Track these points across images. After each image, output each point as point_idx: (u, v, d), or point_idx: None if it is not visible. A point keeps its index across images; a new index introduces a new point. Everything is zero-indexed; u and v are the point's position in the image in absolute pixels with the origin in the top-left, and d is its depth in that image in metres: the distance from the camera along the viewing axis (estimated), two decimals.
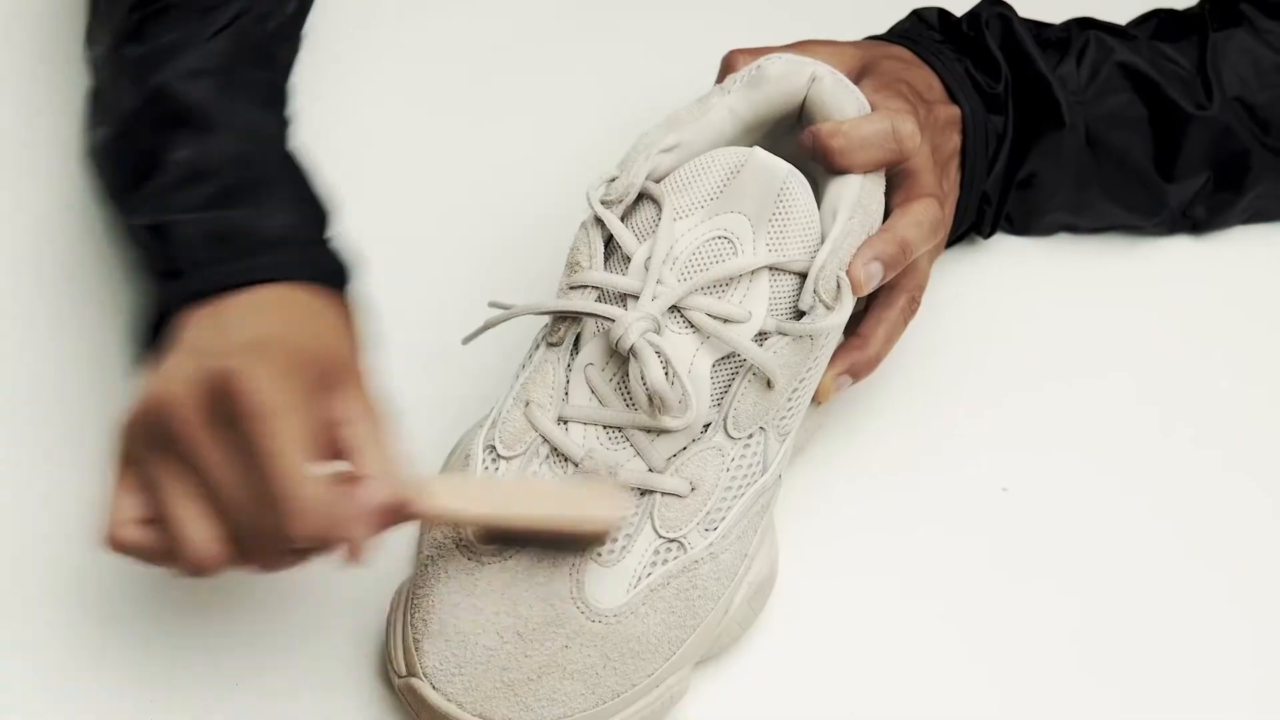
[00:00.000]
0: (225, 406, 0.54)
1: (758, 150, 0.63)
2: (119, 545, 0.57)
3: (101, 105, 0.70)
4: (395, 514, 0.57)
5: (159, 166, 0.65)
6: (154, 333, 0.61)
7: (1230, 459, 0.73)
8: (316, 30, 0.81)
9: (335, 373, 0.58)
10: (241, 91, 0.68)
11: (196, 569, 0.56)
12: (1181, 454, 0.73)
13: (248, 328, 0.59)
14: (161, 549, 0.56)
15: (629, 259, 0.64)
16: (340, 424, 0.57)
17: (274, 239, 0.63)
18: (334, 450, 0.57)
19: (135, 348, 0.62)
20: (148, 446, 0.56)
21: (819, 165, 0.66)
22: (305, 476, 0.54)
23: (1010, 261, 0.77)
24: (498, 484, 0.62)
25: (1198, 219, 0.78)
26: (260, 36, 0.71)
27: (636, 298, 0.63)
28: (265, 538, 0.55)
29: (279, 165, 0.67)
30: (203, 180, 0.64)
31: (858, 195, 0.65)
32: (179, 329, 0.60)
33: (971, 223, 0.75)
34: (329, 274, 0.63)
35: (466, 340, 0.66)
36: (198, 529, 0.55)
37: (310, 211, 0.66)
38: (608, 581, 0.62)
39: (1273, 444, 0.74)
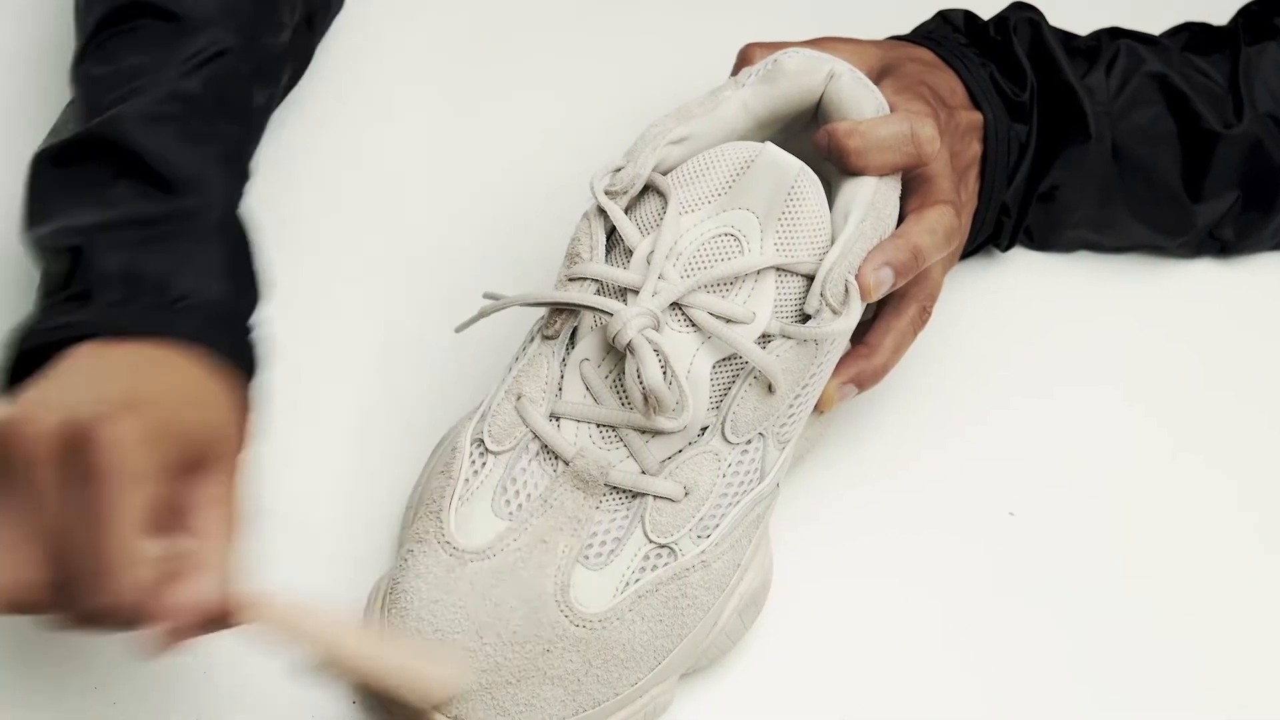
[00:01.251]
0: (77, 455, 0.52)
1: (769, 146, 0.63)
2: None
3: (67, 114, 0.68)
4: (215, 619, 0.55)
5: (98, 200, 0.63)
6: (33, 354, 0.59)
7: (1247, 491, 0.73)
8: None
9: (207, 456, 0.56)
10: (200, 146, 0.66)
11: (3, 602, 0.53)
12: (1195, 484, 0.73)
13: (135, 381, 0.56)
14: None
15: (631, 252, 0.63)
16: (195, 509, 0.55)
17: (195, 302, 0.61)
18: (180, 533, 0.55)
19: (5, 360, 0.60)
20: None
21: (833, 165, 0.66)
22: (132, 555, 0.52)
23: (1028, 276, 0.77)
24: (338, 622, 0.59)
25: (1225, 241, 0.77)
26: (236, 80, 0.69)
27: (637, 293, 0.62)
28: (76, 599, 0.53)
29: (221, 233, 0.64)
30: (140, 226, 0.62)
31: (871, 198, 0.64)
32: (66, 356, 0.57)
33: (989, 234, 0.75)
34: (239, 356, 0.61)
35: (459, 329, 0.65)
36: (13, 564, 0.53)
37: (240, 288, 0.64)
38: (594, 585, 0.61)
39: None
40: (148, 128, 0.64)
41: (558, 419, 0.63)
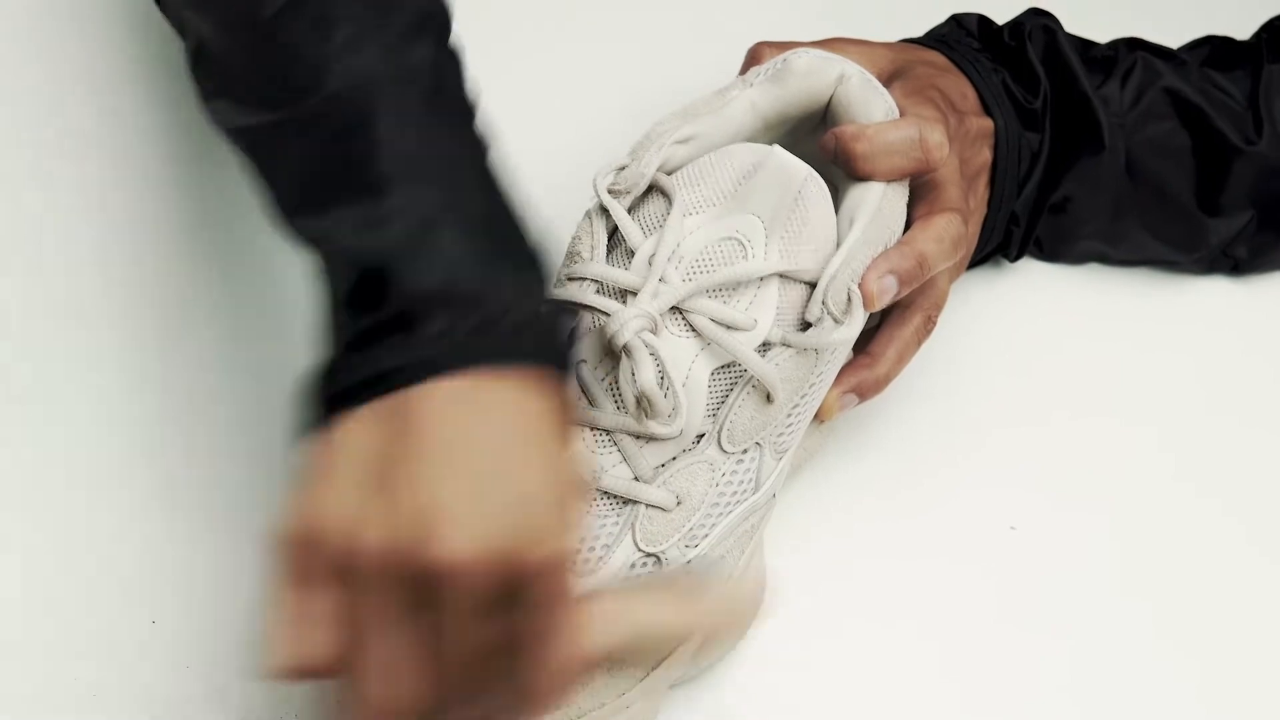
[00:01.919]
0: (516, 590, 0.48)
1: (777, 149, 0.62)
2: (297, 674, 0.49)
3: (228, 75, 0.59)
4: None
5: (370, 188, 0.54)
6: (335, 383, 0.51)
7: (1251, 509, 0.72)
8: None
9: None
10: (447, 121, 0.57)
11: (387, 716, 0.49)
12: (1200, 501, 0.72)
13: (538, 459, 0.50)
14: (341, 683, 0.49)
15: (633, 253, 0.62)
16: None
17: (519, 317, 0.52)
18: None
19: (312, 412, 0.52)
20: (382, 581, 0.48)
21: (840, 169, 0.65)
22: (572, 674, 0.49)
23: (1036, 288, 0.76)
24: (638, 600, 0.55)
25: (1238, 259, 0.76)
26: (449, 38, 0.59)
27: (636, 294, 0.61)
28: (480, 709, 0.50)
29: (506, 216, 0.55)
30: (435, 229, 0.53)
31: (878, 204, 0.63)
32: (417, 409, 0.49)
33: (998, 244, 0.74)
34: (566, 366, 0.53)
35: None
36: (407, 678, 0.49)
37: (542, 279, 0.55)
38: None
39: None
40: (395, 91, 0.55)
41: None
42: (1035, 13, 0.73)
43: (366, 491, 0.49)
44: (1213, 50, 0.76)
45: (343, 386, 0.51)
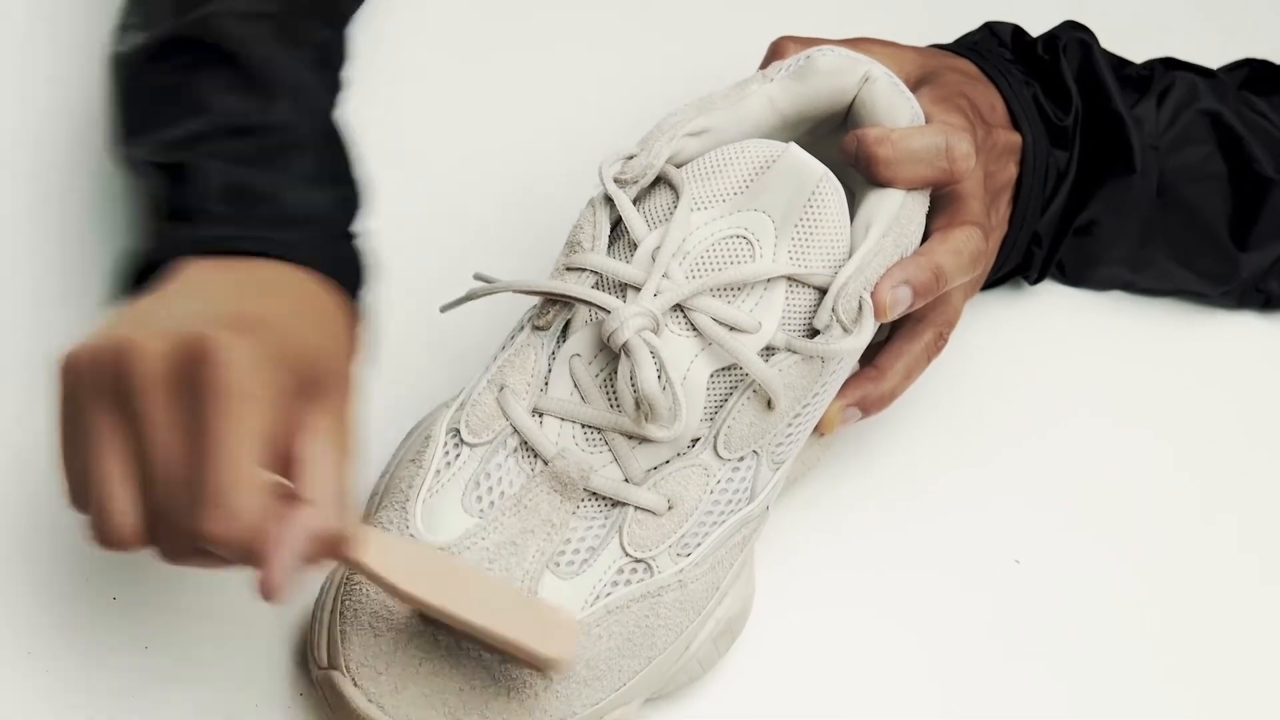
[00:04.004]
0: (192, 375, 0.50)
1: (793, 146, 0.61)
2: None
3: (138, 10, 0.66)
4: (324, 551, 0.53)
5: (196, 106, 0.62)
6: (141, 274, 0.58)
7: (1268, 550, 0.72)
8: None
9: (320, 381, 0.54)
10: (299, 47, 0.65)
11: (105, 538, 0.52)
12: (1216, 541, 0.71)
13: (246, 300, 0.55)
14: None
15: (636, 246, 0.61)
16: (302, 435, 0.53)
17: (300, 216, 0.60)
18: (286, 462, 0.53)
19: (117, 285, 0.60)
20: (93, 391, 0.52)
21: (860, 174, 0.64)
22: (246, 476, 0.50)
23: (1055, 313, 0.76)
24: (448, 564, 0.58)
25: (1271, 294, 0.76)
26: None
27: (638, 289, 0.60)
28: (182, 526, 0.51)
29: (322, 139, 0.64)
30: (241, 135, 0.61)
31: (896, 213, 0.62)
32: (171, 275, 0.56)
33: (1018, 264, 0.73)
34: (345, 271, 0.60)
35: (445, 308, 0.63)
36: (118, 495, 0.51)
37: (344, 197, 0.63)
38: (562, 595, 0.60)
39: None
40: (245, 26, 0.63)
41: (541, 415, 0.61)
42: (1071, 25, 0.73)
43: (115, 330, 0.53)
44: (1252, 72, 0.75)
45: (128, 269, 0.59)
